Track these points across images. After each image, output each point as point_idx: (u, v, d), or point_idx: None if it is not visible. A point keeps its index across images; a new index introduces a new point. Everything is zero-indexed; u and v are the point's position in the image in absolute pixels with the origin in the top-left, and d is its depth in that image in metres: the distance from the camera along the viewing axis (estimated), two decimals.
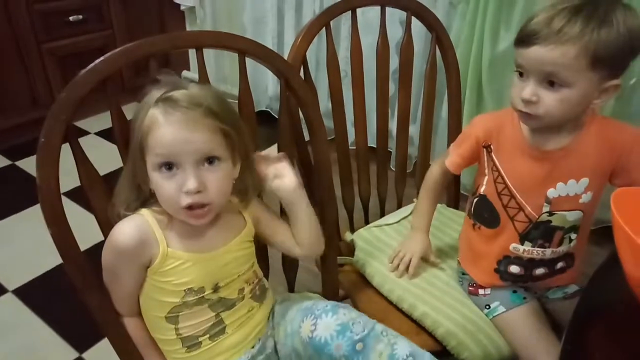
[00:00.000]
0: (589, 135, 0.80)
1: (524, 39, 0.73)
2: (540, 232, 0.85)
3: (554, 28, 0.69)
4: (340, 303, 0.79)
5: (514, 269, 0.89)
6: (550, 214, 0.84)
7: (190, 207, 0.67)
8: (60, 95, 0.67)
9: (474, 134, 0.89)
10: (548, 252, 0.87)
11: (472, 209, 0.94)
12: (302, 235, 0.83)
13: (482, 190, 0.90)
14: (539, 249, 0.86)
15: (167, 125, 0.64)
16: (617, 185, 0.82)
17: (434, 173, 0.99)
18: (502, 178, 0.86)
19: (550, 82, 0.72)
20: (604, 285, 0.58)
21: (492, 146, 0.87)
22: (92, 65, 0.69)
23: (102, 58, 0.69)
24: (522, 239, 0.87)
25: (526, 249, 0.87)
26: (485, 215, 0.90)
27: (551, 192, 0.82)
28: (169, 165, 0.66)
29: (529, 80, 0.74)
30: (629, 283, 0.52)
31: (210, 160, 0.67)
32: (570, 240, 0.87)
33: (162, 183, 0.67)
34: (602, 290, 0.58)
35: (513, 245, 0.88)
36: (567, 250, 0.88)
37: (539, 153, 0.82)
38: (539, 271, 0.89)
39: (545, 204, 0.83)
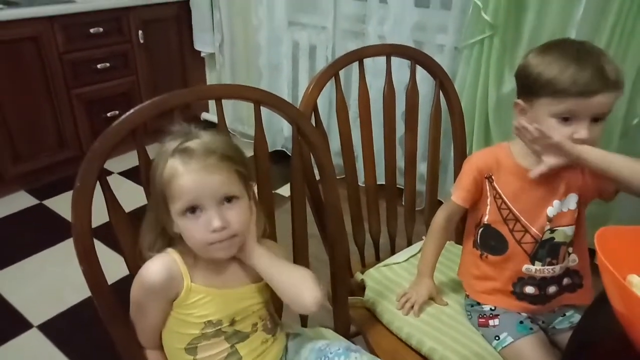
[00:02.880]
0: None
1: (581, 92, 0.79)
2: (546, 250, 0.92)
3: (612, 79, 0.79)
4: (352, 345, 0.81)
5: (529, 289, 0.94)
6: (552, 231, 0.91)
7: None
8: (94, 144, 0.74)
9: (475, 167, 0.96)
10: (557, 269, 0.93)
11: (478, 239, 0.98)
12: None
13: (485, 219, 0.96)
14: (548, 267, 0.93)
15: (187, 174, 0.71)
16: (600, 197, 0.92)
17: (438, 219, 1.04)
18: (506, 204, 0.93)
19: (596, 119, 0.82)
20: (595, 320, 0.61)
21: (493, 177, 0.95)
22: (123, 116, 0.76)
23: (132, 110, 0.77)
24: (532, 259, 0.93)
25: (538, 269, 0.93)
26: (492, 243, 0.96)
27: (550, 210, 0.91)
28: (192, 209, 0.72)
29: (579, 123, 0.82)
30: (618, 319, 0.55)
31: (229, 199, 0.73)
32: (569, 254, 0.94)
33: (189, 226, 0.73)
34: (594, 325, 0.61)
35: (525, 266, 0.93)
36: (568, 265, 0.95)
37: (536, 176, 0.90)
38: (552, 289, 0.94)
39: (547, 222, 0.91)
